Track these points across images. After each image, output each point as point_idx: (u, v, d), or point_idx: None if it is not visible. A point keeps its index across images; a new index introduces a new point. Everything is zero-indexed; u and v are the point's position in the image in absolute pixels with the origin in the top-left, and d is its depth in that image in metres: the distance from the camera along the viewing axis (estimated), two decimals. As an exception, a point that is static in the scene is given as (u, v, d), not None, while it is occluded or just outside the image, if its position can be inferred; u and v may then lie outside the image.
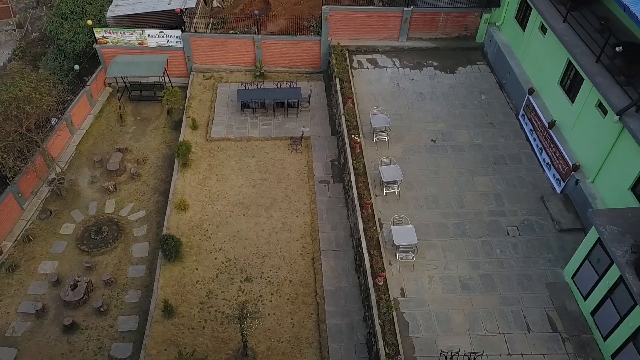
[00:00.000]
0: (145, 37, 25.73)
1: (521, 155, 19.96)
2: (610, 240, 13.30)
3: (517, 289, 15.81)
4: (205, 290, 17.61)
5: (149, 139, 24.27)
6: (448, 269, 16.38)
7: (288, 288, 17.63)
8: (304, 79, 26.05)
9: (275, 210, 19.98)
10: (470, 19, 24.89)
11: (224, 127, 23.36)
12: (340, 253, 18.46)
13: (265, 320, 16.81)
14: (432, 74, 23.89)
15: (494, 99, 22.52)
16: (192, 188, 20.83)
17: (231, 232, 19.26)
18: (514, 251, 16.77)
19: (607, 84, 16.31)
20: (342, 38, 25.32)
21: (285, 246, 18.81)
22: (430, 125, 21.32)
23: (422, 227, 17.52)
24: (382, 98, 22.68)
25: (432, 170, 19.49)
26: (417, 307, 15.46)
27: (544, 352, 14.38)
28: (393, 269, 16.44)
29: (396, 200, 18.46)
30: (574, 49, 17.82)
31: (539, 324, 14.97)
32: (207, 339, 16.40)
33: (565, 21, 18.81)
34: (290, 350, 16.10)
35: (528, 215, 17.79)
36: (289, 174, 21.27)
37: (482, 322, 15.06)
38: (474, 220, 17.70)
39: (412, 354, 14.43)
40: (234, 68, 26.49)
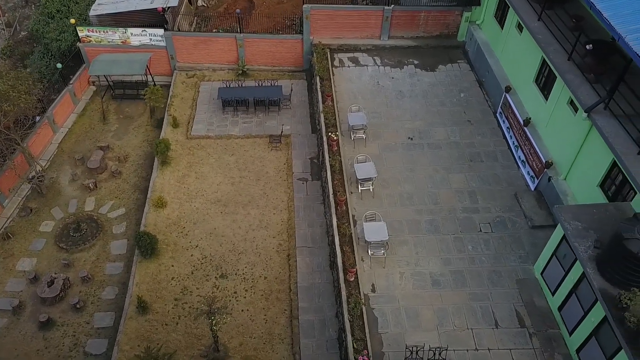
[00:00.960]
0: (128, 35, 25.84)
1: (497, 152, 20.09)
2: (574, 236, 13.42)
3: (487, 285, 15.93)
4: (180, 286, 17.73)
5: (131, 137, 24.38)
6: (419, 265, 16.50)
7: (262, 284, 17.75)
8: (286, 77, 26.17)
9: (253, 207, 20.09)
10: (451, 17, 25.01)
11: (205, 125, 23.48)
12: (315, 250, 18.58)
13: (238, 316, 16.95)
14: (413, 72, 24.01)
15: (473, 96, 22.64)
16: (170, 186, 20.95)
17: (208, 229, 19.38)
18: (485, 247, 16.90)
19: (578, 81, 16.45)
20: (324, 37, 25.43)
21: (262, 243, 18.92)
22: (408, 123, 21.43)
23: (395, 223, 17.65)
24: (361, 96, 22.80)
25: (408, 167, 19.61)
26: (387, 302, 15.58)
27: (511, 347, 14.50)
28: (365, 265, 16.56)
29: (371, 197, 18.58)
30: (547, 47, 17.96)
31: (507, 320, 15.08)
32: (180, 334, 16.52)
33: (539, 19, 18.95)
34: (262, 346, 16.21)
35: (501, 212, 17.92)
36: (268, 172, 21.39)
37: (451, 317, 15.17)
38: (447, 217, 17.82)
39: (381, 349, 14.55)
40: (217, 66, 26.60)
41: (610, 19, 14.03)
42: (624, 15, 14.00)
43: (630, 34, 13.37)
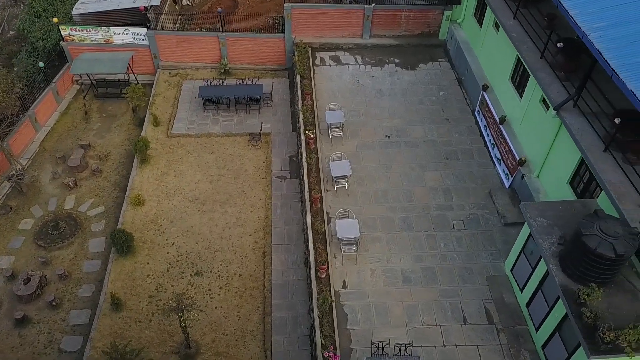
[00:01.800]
0: (111, 34, 25.90)
1: (473, 150, 20.18)
2: (538, 233, 13.51)
3: (458, 281, 16.02)
4: (155, 284, 17.81)
5: (113, 136, 24.45)
6: (391, 262, 16.59)
7: (237, 282, 17.83)
8: (269, 76, 26.24)
9: (230, 205, 20.18)
10: (432, 16, 25.09)
11: (185, 123, 23.56)
12: (291, 247, 18.66)
13: (212, 313, 17.03)
14: (393, 71, 24.10)
15: (452, 95, 22.73)
16: (149, 184, 21.03)
17: (185, 227, 19.46)
18: (457, 245, 16.99)
19: (549, 79, 16.54)
20: (306, 35, 25.52)
21: (238, 241, 19.01)
22: (386, 121, 21.52)
23: (369, 221, 17.75)
24: (341, 95, 22.89)
25: (384, 165, 19.70)
26: (358, 299, 15.68)
27: (478, 343, 14.60)
28: (337, 262, 16.66)
29: (346, 195, 18.67)
30: (521, 45, 18.05)
31: (476, 316, 15.18)
32: (153, 331, 16.60)
33: (515, 18, 19.04)
34: (234, 343, 16.30)
35: (475, 210, 18.01)
36: (247, 170, 21.48)
37: (420, 314, 15.27)
38: (420, 215, 17.91)
39: (349, 346, 14.65)
40: (200, 65, 26.67)
41: (576, 17, 14.11)
42: (589, 13, 14.08)
43: (594, 32, 13.46)
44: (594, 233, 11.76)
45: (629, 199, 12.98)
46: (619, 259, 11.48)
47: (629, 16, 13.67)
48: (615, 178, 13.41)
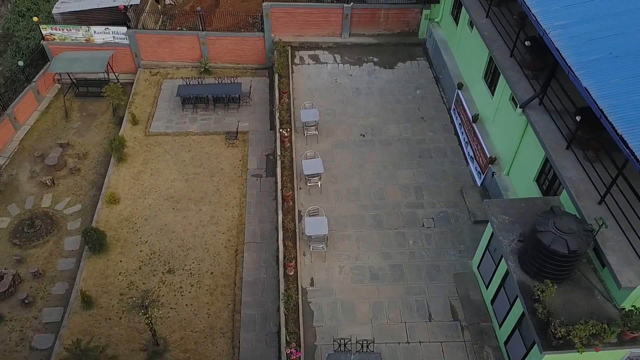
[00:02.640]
0: (91, 33, 25.96)
1: (447, 149, 20.25)
2: (499, 230, 13.57)
3: (425, 279, 16.09)
4: (127, 281, 17.87)
5: (93, 135, 24.50)
6: (360, 259, 16.67)
7: (208, 280, 17.89)
8: (249, 74, 26.31)
9: (205, 204, 20.24)
10: (411, 15, 25.17)
11: (164, 122, 23.63)
12: (263, 245, 18.73)
13: (182, 310, 17.10)
14: (371, 70, 24.17)
15: (429, 94, 22.80)
16: (125, 182, 21.09)
17: (159, 226, 19.53)
18: (426, 242, 17.06)
19: (517, 77, 16.62)
20: (286, 34, 25.58)
21: (211, 239, 19.07)
22: (362, 120, 21.60)
23: (340, 218, 17.82)
24: (318, 94, 22.96)
25: (358, 164, 19.77)
26: (325, 296, 15.75)
27: (442, 340, 14.67)
28: (306, 260, 16.73)
29: (319, 193, 18.74)
30: (492, 43, 18.13)
31: (441, 313, 15.26)
32: (122, 329, 16.66)
33: (487, 17, 19.12)
34: (203, 340, 16.37)
35: (445, 208, 18.09)
36: (223, 168, 21.54)
37: (386, 311, 15.34)
38: (391, 212, 17.98)
39: (313, 342, 14.73)
40: (180, 64, 26.74)
41: (538, 15, 14.19)
42: (551, 11, 14.17)
43: (554, 30, 13.55)
44: (548, 230, 11.82)
45: (588, 196, 13.06)
46: (572, 256, 11.54)
47: (591, 14, 13.76)
48: (576, 175, 13.49)
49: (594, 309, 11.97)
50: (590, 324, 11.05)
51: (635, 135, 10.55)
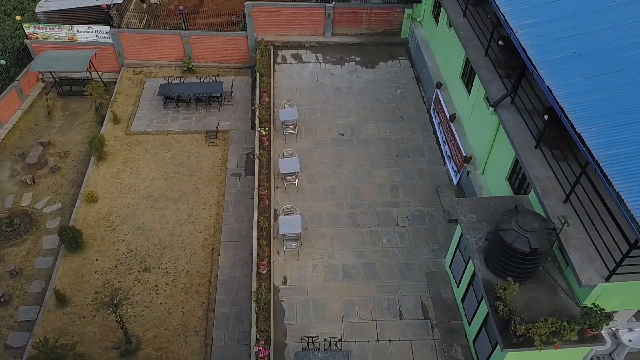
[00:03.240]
0: (74, 32, 25.95)
1: (425, 148, 20.30)
2: (467, 228, 13.62)
3: (397, 277, 16.13)
4: (102, 280, 17.89)
5: (75, 133, 24.51)
6: (333, 257, 16.70)
7: (184, 278, 17.91)
8: (232, 74, 26.33)
9: (183, 202, 20.26)
10: (394, 14, 25.20)
11: (145, 121, 23.64)
12: (240, 244, 18.74)
13: (156, 309, 17.12)
14: (353, 69, 24.20)
15: (409, 93, 22.84)
16: (104, 181, 21.11)
17: (136, 224, 19.54)
18: (400, 241, 17.10)
19: (491, 76, 16.64)
20: (269, 33, 25.60)
21: (188, 238, 19.09)
22: (341, 119, 21.63)
23: (315, 217, 17.86)
24: (299, 93, 22.99)
25: (336, 162, 19.80)
26: (297, 294, 15.78)
27: (412, 338, 14.71)
28: (280, 258, 16.76)
29: (295, 192, 18.78)
30: (467, 42, 18.15)
31: (412, 311, 15.29)
32: (96, 327, 16.68)
33: (464, 16, 19.16)
34: (176, 338, 16.39)
35: (421, 206, 18.13)
36: (202, 167, 21.56)
37: (357, 309, 15.38)
38: (366, 211, 18.03)
39: (284, 340, 14.76)
40: (164, 63, 26.75)
41: (506, 14, 14.24)
42: (520, 10, 14.21)
43: (522, 29, 13.59)
44: (511, 228, 11.86)
45: (554, 194, 13.09)
46: (534, 254, 11.59)
47: (559, 13, 13.79)
48: (543, 174, 13.53)
49: (557, 307, 12.02)
50: (550, 321, 11.10)
51: (593, 133, 10.60)
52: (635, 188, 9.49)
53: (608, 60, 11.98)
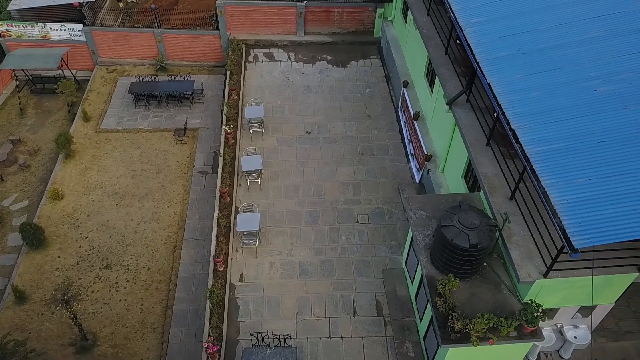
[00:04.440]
0: (47, 30, 25.96)
1: (390, 146, 20.36)
2: (415, 225, 13.69)
3: (353, 274, 16.18)
4: (63, 277, 17.89)
5: (46, 131, 24.49)
6: (291, 255, 16.74)
7: (145, 275, 17.93)
8: (206, 72, 26.36)
9: (149, 200, 20.28)
10: (365, 13, 25.26)
11: (115, 119, 23.64)
12: (202, 242, 18.76)
13: (115, 306, 17.13)
14: (324, 68, 24.25)
15: (378, 92, 22.90)
16: (71, 178, 21.11)
17: (100, 221, 19.55)
18: (359, 238, 17.15)
19: (449, 74, 16.72)
20: (242, 32, 25.63)
21: (151, 235, 19.11)
22: (309, 117, 21.68)
23: (276, 214, 17.90)
24: (269, 91, 23.03)
25: (301, 161, 19.84)
26: (252, 291, 15.82)
27: (364, 335, 14.76)
28: (238, 256, 16.80)
29: (258, 190, 18.82)
30: (429, 41, 18.21)
31: (366, 308, 15.34)
32: (54, 324, 16.67)
33: (428, 15, 19.23)
34: (134, 335, 16.40)
35: (381, 204, 18.19)
36: (170, 165, 21.58)
37: (312, 306, 15.42)
38: (327, 209, 18.07)
39: (236, 337, 14.80)
40: (138, 62, 26.76)
41: (457, 13, 14.31)
42: (470, 8, 14.29)
43: (470, 27, 13.66)
44: (452, 224, 11.93)
45: (501, 191, 13.16)
46: (474, 250, 11.65)
47: (507, 11, 13.87)
48: (491, 172, 13.59)
49: (499, 303, 12.10)
50: (486, 317, 11.16)
51: (527, 130, 10.67)
52: (560, 184, 9.56)
53: (549, 58, 12.05)
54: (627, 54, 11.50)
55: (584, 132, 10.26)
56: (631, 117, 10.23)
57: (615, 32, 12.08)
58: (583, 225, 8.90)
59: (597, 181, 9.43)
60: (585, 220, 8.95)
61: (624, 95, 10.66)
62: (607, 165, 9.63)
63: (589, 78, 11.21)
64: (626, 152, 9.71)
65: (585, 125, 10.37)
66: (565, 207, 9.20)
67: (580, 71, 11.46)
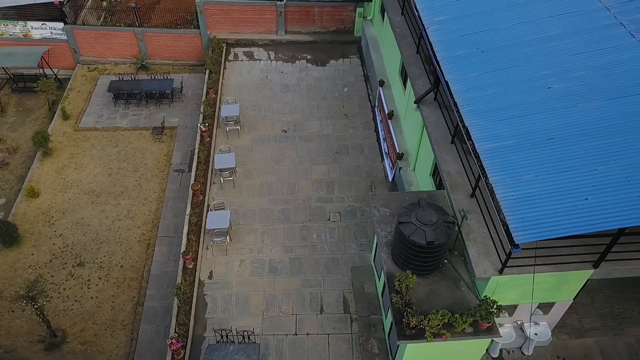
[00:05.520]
0: (29, 29, 26.02)
1: (365, 145, 20.43)
2: (379, 222, 13.74)
3: (322, 272, 16.25)
4: (36, 274, 17.92)
5: (27, 129, 24.52)
6: (262, 252, 16.81)
7: (117, 273, 17.98)
8: (187, 71, 26.41)
9: (124, 198, 20.32)
10: (345, 13, 25.34)
11: (95, 117, 23.68)
12: (175, 239, 18.77)
13: (86, 303, 17.16)
14: (303, 67, 24.32)
15: (356, 91, 22.98)
16: (48, 176, 21.15)
17: (75, 219, 19.59)
18: (329, 236, 17.22)
19: (419, 73, 16.79)
20: (222, 31, 25.70)
21: (125, 233, 19.15)
22: (286, 116, 21.75)
23: (248, 212, 17.97)
24: (247, 90, 23.10)
25: (276, 159, 19.91)
26: (221, 289, 15.89)
27: (330, 332, 14.83)
28: (209, 253, 16.86)
29: (232, 188, 18.88)
30: (401, 39, 18.29)
31: (333, 306, 15.41)
32: (24, 321, 16.70)
33: (402, 14, 19.30)
34: (103, 332, 16.45)
35: (353, 202, 18.26)
36: (147, 163, 21.63)
37: (279, 303, 15.49)
38: (300, 207, 18.14)
39: (203, 334, 14.86)
40: (120, 60, 26.81)
41: (421, 11, 14.39)
42: (434, 7, 14.37)
43: (433, 25, 13.73)
44: (410, 221, 11.99)
45: (462, 189, 13.22)
46: (430, 247, 11.71)
47: (471, 10, 13.94)
48: (454, 169, 13.66)
49: (457, 300, 12.16)
50: (441, 313, 11.22)
51: (479, 127, 10.74)
52: (507, 181, 9.64)
53: (507, 56, 12.13)
54: (583, 52, 11.58)
55: (535, 129, 10.33)
56: (581, 114, 10.31)
57: (573, 31, 12.16)
58: (525, 221, 8.97)
59: (542, 177, 9.50)
60: (528, 216, 9.02)
61: (576, 93, 10.74)
62: (555, 162, 9.70)
63: (543, 76, 11.29)
64: (574, 148, 9.79)
65: (537, 122, 10.45)
66: (509, 203, 9.27)
67: (536, 69, 11.54)
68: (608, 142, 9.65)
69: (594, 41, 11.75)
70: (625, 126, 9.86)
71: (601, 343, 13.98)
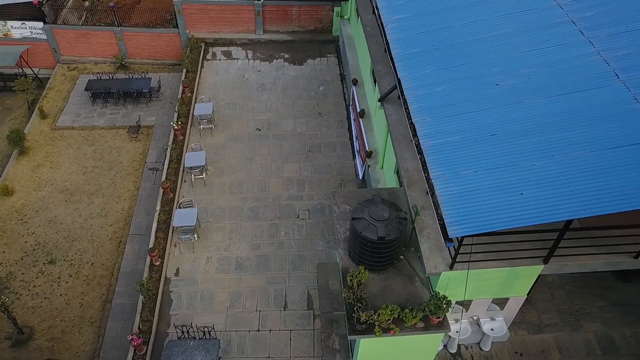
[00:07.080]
0: (8, 28, 26.13)
1: (337, 143, 20.56)
2: (338, 219, 13.82)
3: (288, 269, 16.37)
4: (6, 272, 18.02)
5: (4, 129, 24.60)
6: (229, 250, 16.93)
7: (88, 270, 18.08)
8: (166, 70, 26.52)
9: (98, 196, 20.43)
10: (323, 12, 25.47)
11: (72, 116, 23.79)
12: (147, 237, 18.78)
13: (56, 300, 17.25)
14: (280, 66, 24.45)
15: (332, 90, 23.10)
16: (23, 175, 21.26)
17: (48, 217, 19.70)
18: (297, 233, 17.34)
19: (385, 71, 16.88)
20: (201, 31, 25.83)
21: (97, 231, 19.25)
22: (260, 114, 21.87)
23: (218, 210, 18.09)
24: (223, 89, 23.22)
25: (248, 157, 20.04)
26: (187, 286, 16.00)
27: (292, 328, 14.95)
28: (176, 251, 16.97)
29: (202, 186, 18.99)
30: (370, 38, 18.37)
31: (297, 302, 15.53)
32: (-7, 318, 16.85)
33: (374, 13, 19.40)
34: (71, 329, 16.54)
35: (323, 200, 18.37)
36: (122, 162, 21.73)
37: (243, 300, 15.60)
38: (270, 205, 18.26)
39: (166, 330, 14.98)
40: (100, 60, 26.93)
41: (381, 9, 14.51)
42: (394, 6, 14.49)
43: (391, 23, 13.85)
44: (362, 217, 12.09)
45: (419, 186, 13.31)
46: (382, 242, 11.80)
47: (429, 8, 14.06)
48: (413, 167, 13.74)
49: (410, 296, 12.25)
50: (390, 308, 11.31)
51: (426, 124, 10.86)
52: (447, 176, 9.75)
53: (460, 53, 12.24)
54: (533, 50, 11.69)
55: (479, 125, 10.44)
56: (525, 110, 10.42)
57: (525, 28, 12.28)
58: (460, 215, 9.07)
59: (482, 173, 9.60)
60: (463, 211, 9.13)
61: (522, 90, 10.85)
62: (495, 157, 9.81)
63: (492, 73, 11.40)
64: (514, 144, 9.89)
65: (482, 119, 10.56)
66: (447, 198, 9.38)
67: (486, 66, 11.65)
68: (548, 138, 9.75)
69: (545, 39, 11.86)
70: (566, 122, 9.97)
71: (559, 339, 14.09)
